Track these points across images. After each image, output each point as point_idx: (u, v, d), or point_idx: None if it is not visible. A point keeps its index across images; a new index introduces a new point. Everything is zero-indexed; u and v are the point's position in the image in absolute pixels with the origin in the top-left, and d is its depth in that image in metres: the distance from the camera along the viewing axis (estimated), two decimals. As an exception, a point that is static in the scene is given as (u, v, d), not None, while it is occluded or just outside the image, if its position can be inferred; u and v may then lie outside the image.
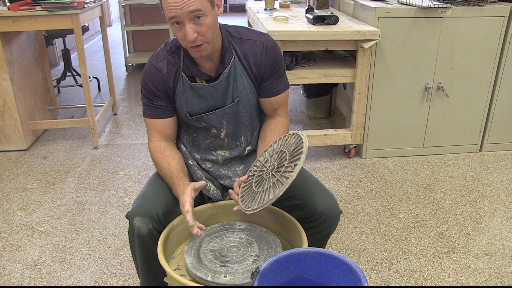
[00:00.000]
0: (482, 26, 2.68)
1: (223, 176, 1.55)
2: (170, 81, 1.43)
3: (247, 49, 1.43)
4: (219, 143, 1.54)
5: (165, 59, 1.43)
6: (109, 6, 7.83)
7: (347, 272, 1.12)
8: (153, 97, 1.45)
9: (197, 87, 1.43)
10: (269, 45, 1.45)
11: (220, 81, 1.42)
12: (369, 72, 2.69)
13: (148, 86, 1.44)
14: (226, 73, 1.42)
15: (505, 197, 2.49)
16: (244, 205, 1.28)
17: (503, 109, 2.92)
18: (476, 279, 1.89)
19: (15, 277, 1.90)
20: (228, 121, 1.49)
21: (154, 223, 1.35)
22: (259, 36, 1.45)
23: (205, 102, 1.45)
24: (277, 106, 1.53)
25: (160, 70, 1.43)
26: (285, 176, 1.22)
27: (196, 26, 1.28)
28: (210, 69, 1.43)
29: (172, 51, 1.44)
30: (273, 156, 1.33)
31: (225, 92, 1.44)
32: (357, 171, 2.78)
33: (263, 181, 1.29)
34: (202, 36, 1.29)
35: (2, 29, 2.70)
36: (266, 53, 1.44)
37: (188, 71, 1.42)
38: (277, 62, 1.47)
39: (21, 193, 2.55)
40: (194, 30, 1.27)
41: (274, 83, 1.49)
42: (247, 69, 1.45)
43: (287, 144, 1.32)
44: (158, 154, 1.46)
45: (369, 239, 2.14)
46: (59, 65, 5.25)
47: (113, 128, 3.48)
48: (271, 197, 1.20)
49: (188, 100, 1.45)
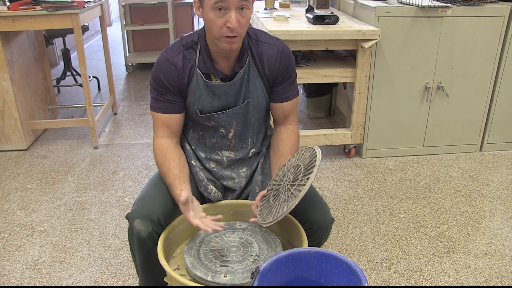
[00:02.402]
0: (482, 25, 2.68)
1: (226, 177, 1.54)
2: (185, 77, 1.42)
3: (263, 52, 1.44)
4: (226, 143, 1.53)
5: (181, 54, 1.41)
6: (109, 5, 7.82)
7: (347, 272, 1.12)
8: (164, 91, 1.43)
9: (212, 85, 1.42)
10: (284, 51, 1.46)
11: (235, 81, 1.42)
12: (369, 71, 2.69)
13: (160, 79, 1.42)
14: (242, 73, 1.42)
15: (505, 197, 2.49)
16: (261, 219, 1.33)
17: (503, 109, 2.92)
18: (476, 279, 1.89)
19: (15, 277, 1.90)
20: (237, 121, 1.49)
21: (154, 225, 1.34)
22: (275, 41, 1.47)
23: (218, 100, 1.44)
24: (288, 113, 1.53)
25: (175, 65, 1.41)
26: (298, 189, 1.25)
27: (239, 16, 1.28)
28: (226, 67, 1.43)
29: (189, 46, 1.42)
30: (290, 170, 1.36)
31: (238, 92, 1.45)
32: (357, 171, 2.78)
33: (279, 195, 1.32)
34: (241, 28, 1.30)
35: (2, 28, 2.70)
36: (281, 58, 1.45)
37: (204, 68, 1.41)
38: (290, 68, 1.48)
39: (21, 192, 2.55)
40: (237, 19, 1.28)
41: (285, 89, 1.50)
42: (260, 71, 1.45)
43: (303, 158, 1.35)
44: (160, 155, 1.45)
45: (369, 239, 2.13)
46: (59, 64, 5.25)
47: (113, 128, 3.48)
48: (285, 210, 1.24)
49: (200, 98, 1.44)
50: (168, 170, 1.41)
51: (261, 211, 1.36)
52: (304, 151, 1.37)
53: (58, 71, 4.70)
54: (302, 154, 1.36)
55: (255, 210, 1.38)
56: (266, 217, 1.30)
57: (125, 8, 5.05)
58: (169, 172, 1.41)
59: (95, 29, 6.93)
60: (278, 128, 1.56)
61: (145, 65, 5.16)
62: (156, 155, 1.47)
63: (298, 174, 1.30)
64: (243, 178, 1.54)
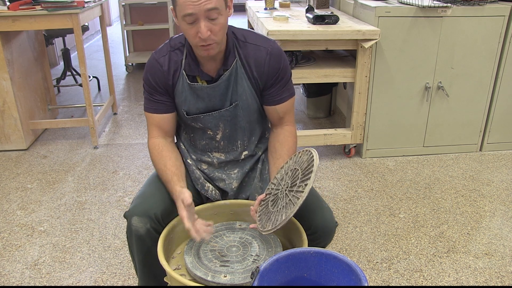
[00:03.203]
0: (482, 25, 2.67)
1: (217, 178, 1.54)
2: (170, 78, 1.42)
3: (250, 54, 1.41)
4: (215, 145, 1.52)
5: (168, 55, 1.42)
6: (109, 5, 7.82)
7: (347, 272, 1.12)
8: (153, 92, 1.44)
9: (195, 87, 1.42)
10: (273, 52, 1.42)
11: (219, 83, 1.41)
12: (369, 71, 2.69)
13: (149, 80, 1.44)
14: (227, 76, 1.40)
15: (505, 197, 2.49)
16: (260, 225, 1.31)
17: (503, 109, 2.92)
18: (476, 278, 1.89)
19: (15, 277, 1.90)
20: (224, 124, 1.47)
21: (152, 222, 1.34)
22: (264, 42, 1.43)
23: (203, 102, 1.44)
24: (282, 114, 1.50)
25: (162, 65, 1.41)
26: (296, 196, 1.23)
27: (210, 24, 1.26)
28: (212, 70, 1.42)
29: (176, 48, 1.43)
30: (288, 174, 1.34)
31: (224, 94, 1.43)
32: (357, 171, 2.78)
33: (278, 200, 1.30)
34: (214, 36, 1.28)
35: (2, 28, 2.70)
36: (269, 60, 1.41)
37: (190, 70, 1.41)
38: (282, 69, 1.44)
39: (21, 192, 2.55)
40: (208, 28, 1.26)
41: (278, 91, 1.46)
42: (248, 73, 1.43)
43: (300, 161, 1.32)
44: (156, 153, 1.45)
45: (369, 239, 2.13)
46: (59, 64, 5.25)
47: (113, 128, 3.48)
48: (283, 218, 1.22)
49: (186, 99, 1.44)
50: (165, 167, 1.41)
51: (260, 217, 1.34)
52: (302, 154, 1.34)
53: (58, 71, 4.70)
54: (300, 157, 1.34)
55: (254, 215, 1.36)
56: (265, 224, 1.29)
57: (125, 8, 5.05)
58: (166, 170, 1.41)
59: (95, 29, 6.92)
60: (275, 130, 1.54)
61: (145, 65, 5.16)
62: (152, 154, 1.47)
63: (296, 179, 1.28)
64: (234, 179, 1.53)
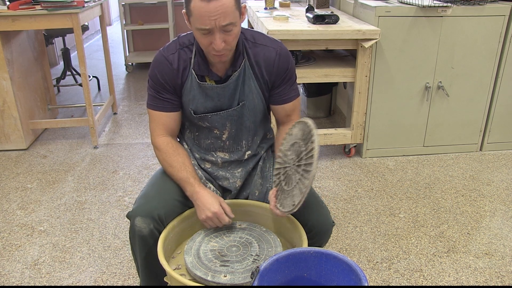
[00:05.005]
0: (482, 25, 2.67)
1: (221, 177, 1.54)
2: (180, 76, 1.42)
3: (260, 55, 1.43)
4: (220, 145, 1.53)
5: (177, 53, 1.41)
6: (109, 5, 7.82)
7: (347, 272, 1.11)
8: (160, 89, 1.43)
9: (205, 87, 1.42)
10: (282, 53, 1.44)
11: (229, 83, 1.42)
12: (369, 71, 2.69)
13: (157, 77, 1.42)
14: (236, 76, 1.41)
15: (506, 197, 2.49)
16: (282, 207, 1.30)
17: (504, 109, 2.92)
18: (476, 278, 1.89)
19: (15, 277, 1.90)
20: (231, 123, 1.48)
21: (155, 223, 1.35)
22: (273, 43, 1.45)
23: (211, 102, 1.44)
24: (290, 112, 1.52)
25: (171, 63, 1.41)
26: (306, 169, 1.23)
27: (225, 36, 1.27)
28: (221, 69, 1.43)
29: (185, 46, 1.42)
30: (290, 151, 1.34)
31: (232, 94, 1.44)
32: (357, 171, 2.78)
33: (290, 178, 1.30)
34: (228, 45, 1.29)
35: (2, 28, 2.70)
36: (279, 60, 1.43)
37: (199, 70, 1.41)
38: (290, 70, 1.47)
39: (20, 192, 2.55)
40: (223, 39, 1.27)
41: (285, 91, 1.49)
42: (257, 74, 1.44)
43: (295, 135, 1.33)
44: (171, 151, 1.45)
45: (369, 239, 2.13)
46: (59, 64, 5.24)
47: (113, 128, 3.48)
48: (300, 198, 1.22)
49: (194, 98, 1.44)
50: (183, 165, 1.43)
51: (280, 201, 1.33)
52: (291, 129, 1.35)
53: (58, 71, 4.70)
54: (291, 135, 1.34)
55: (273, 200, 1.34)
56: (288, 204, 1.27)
57: (125, 7, 5.04)
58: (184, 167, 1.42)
59: (95, 28, 6.92)
60: (282, 127, 1.55)
61: (145, 64, 5.16)
62: (164, 152, 1.45)
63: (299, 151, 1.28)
64: (238, 178, 1.54)
